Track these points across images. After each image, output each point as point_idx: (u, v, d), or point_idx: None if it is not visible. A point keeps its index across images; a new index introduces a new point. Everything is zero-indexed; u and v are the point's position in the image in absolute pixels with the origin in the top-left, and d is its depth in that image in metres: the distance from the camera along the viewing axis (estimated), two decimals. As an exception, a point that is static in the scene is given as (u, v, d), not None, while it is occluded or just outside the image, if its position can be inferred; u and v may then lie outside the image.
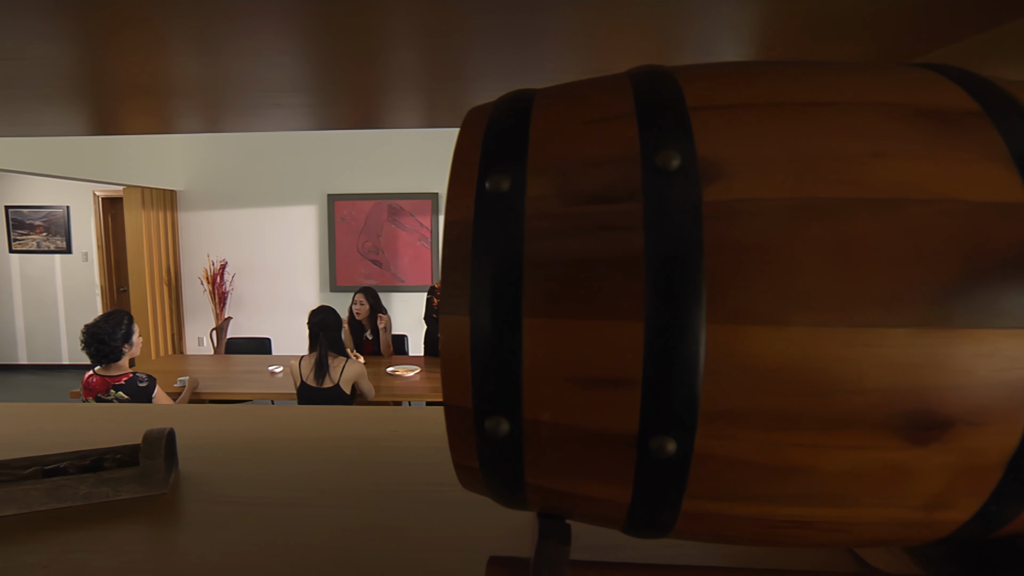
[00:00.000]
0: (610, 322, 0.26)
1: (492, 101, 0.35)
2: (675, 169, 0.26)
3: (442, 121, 1.14)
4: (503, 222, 0.27)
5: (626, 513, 0.30)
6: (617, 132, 0.28)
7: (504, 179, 0.28)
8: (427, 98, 0.87)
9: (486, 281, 0.27)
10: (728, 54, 0.60)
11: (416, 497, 0.61)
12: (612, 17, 0.49)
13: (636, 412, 0.26)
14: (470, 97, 0.84)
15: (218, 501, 0.61)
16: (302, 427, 0.81)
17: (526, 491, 0.31)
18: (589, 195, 0.27)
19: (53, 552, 0.52)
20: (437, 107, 0.94)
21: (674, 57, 0.63)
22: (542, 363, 0.27)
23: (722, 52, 0.60)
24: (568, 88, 0.33)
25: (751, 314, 0.25)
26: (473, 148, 0.30)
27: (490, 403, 0.28)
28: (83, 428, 0.83)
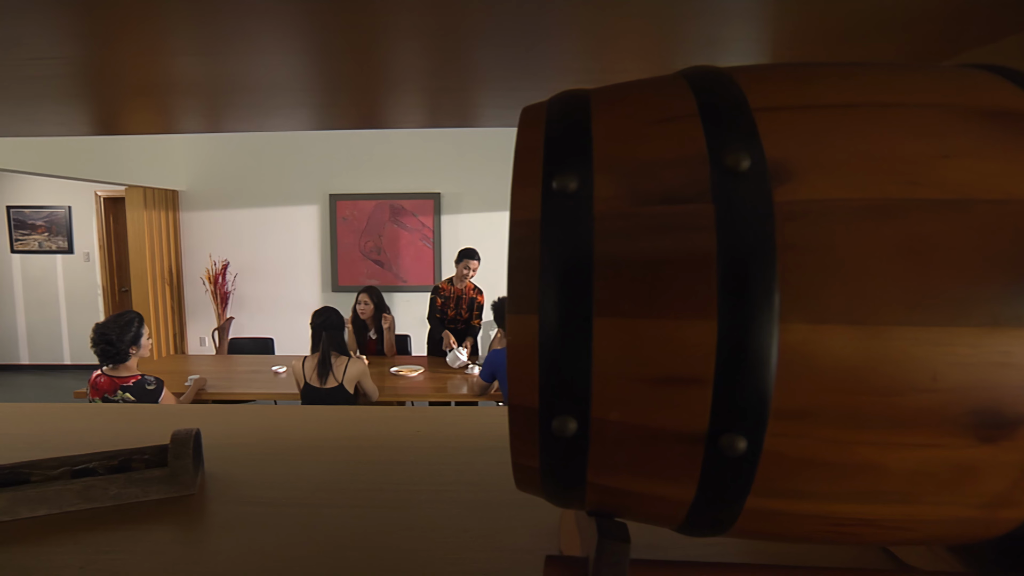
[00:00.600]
0: (683, 321, 0.26)
1: (545, 100, 0.35)
2: (745, 170, 0.27)
3: (444, 121, 1.14)
4: (572, 222, 0.27)
5: (686, 511, 0.30)
6: (682, 133, 0.28)
7: (571, 179, 0.28)
8: (430, 97, 0.86)
9: (556, 281, 0.27)
10: (734, 52, 0.60)
11: (445, 498, 0.61)
12: (614, 16, 0.49)
13: (706, 410, 0.27)
14: (473, 96, 0.84)
15: (247, 502, 0.61)
16: (323, 427, 0.81)
17: (585, 490, 0.31)
18: (658, 195, 0.27)
19: (88, 553, 0.52)
20: (440, 106, 0.94)
21: (675, 57, 0.63)
22: (612, 362, 0.27)
23: (726, 49, 0.60)
24: (624, 88, 0.33)
25: (823, 313, 0.25)
26: (535, 148, 0.30)
27: (557, 403, 0.28)
28: (101, 428, 0.83)
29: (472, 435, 0.78)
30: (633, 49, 0.60)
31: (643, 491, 0.30)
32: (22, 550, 0.53)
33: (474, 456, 0.71)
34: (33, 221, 5.25)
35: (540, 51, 0.59)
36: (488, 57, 0.62)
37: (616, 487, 0.30)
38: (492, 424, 0.82)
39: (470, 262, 3.60)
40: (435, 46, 0.58)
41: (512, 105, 0.90)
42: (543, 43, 0.57)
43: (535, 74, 0.68)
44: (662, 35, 0.56)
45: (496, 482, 0.64)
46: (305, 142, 5.00)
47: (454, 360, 3.48)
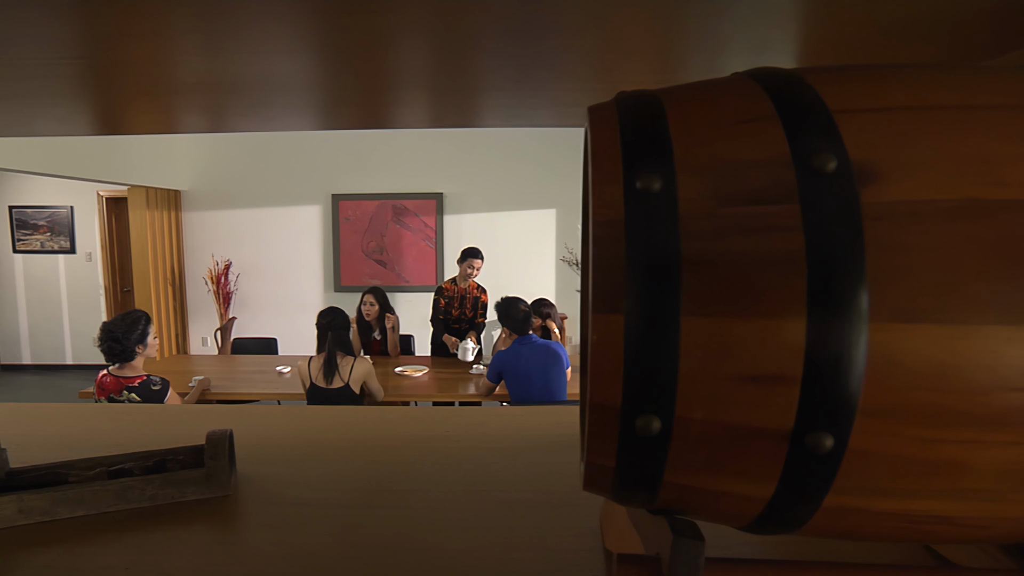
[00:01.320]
0: (771, 321, 0.26)
1: (611, 100, 0.35)
2: (831, 171, 0.27)
3: (448, 121, 1.14)
4: (657, 222, 0.28)
5: (762, 509, 0.30)
6: (763, 134, 0.29)
7: (655, 179, 0.28)
8: (433, 97, 0.86)
9: (642, 280, 0.27)
10: (737, 51, 0.60)
11: (485, 498, 0.61)
12: (617, 15, 0.49)
13: (793, 408, 0.27)
14: (477, 96, 0.84)
15: (284, 502, 0.61)
16: (350, 427, 0.81)
17: (659, 489, 0.31)
18: (743, 196, 0.28)
19: (131, 554, 0.52)
20: (443, 106, 0.94)
21: (678, 55, 0.63)
22: (699, 361, 0.27)
23: (730, 49, 0.60)
24: (695, 89, 0.33)
25: (912, 312, 0.26)
26: (612, 148, 0.30)
27: (642, 401, 0.28)
28: (126, 428, 0.82)
29: (501, 435, 0.78)
30: (637, 47, 0.60)
31: (720, 489, 0.30)
32: (65, 550, 0.53)
33: (507, 456, 0.71)
34: (35, 221, 5.23)
35: (545, 49, 0.59)
36: (494, 56, 0.62)
37: (693, 485, 0.30)
38: (520, 424, 0.82)
39: (474, 261, 3.59)
40: (440, 44, 0.58)
41: (516, 105, 0.90)
42: (548, 41, 0.56)
43: (541, 72, 0.68)
44: (666, 33, 0.55)
45: (532, 482, 0.64)
46: (308, 142, 4.99)
47: (464, 352, 3.49)
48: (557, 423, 0.82)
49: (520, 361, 2.74)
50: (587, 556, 0.51)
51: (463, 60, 0.63)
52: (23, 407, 0.92)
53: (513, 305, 2.87)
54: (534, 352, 2.75)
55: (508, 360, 2.77)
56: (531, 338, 2.82)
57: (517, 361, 2.74)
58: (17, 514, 0.57)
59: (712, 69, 0.66)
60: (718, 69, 0.66)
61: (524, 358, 2.74)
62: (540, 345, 2.80)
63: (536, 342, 2.80)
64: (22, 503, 0.57)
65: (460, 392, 3.15)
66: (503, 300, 2.95)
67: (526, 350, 2.76)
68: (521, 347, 2.78)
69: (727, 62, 0.64)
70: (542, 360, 2.73)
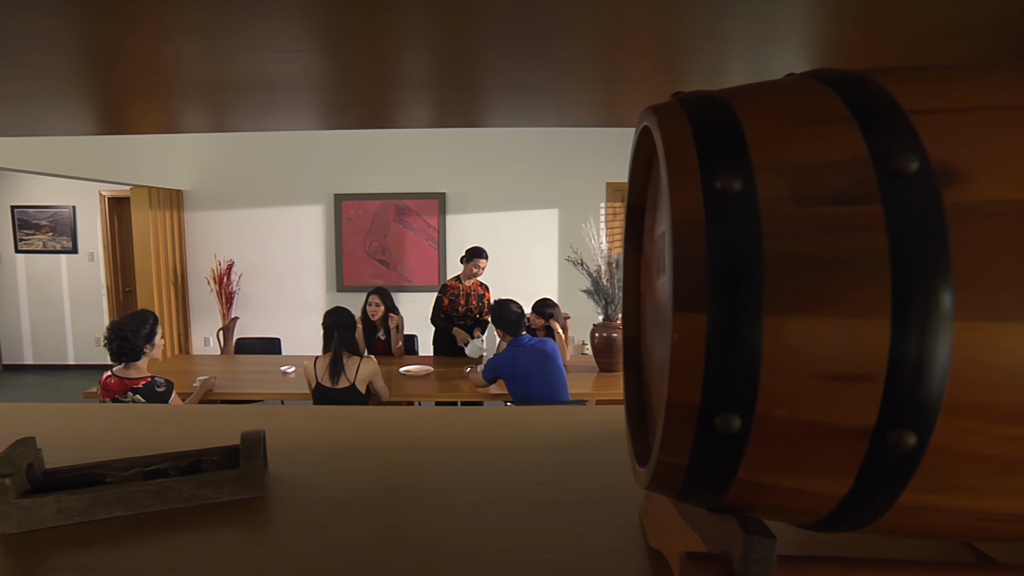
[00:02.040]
0: (856, 320, 0.26)
1: (672, 101, 0.35)
2: (913, 172, 0.27)
3: (453, 120, 1.14)
4: (738, 222, 0.28)
5: (834, 506, 0.31)
6: (839, 135, 0.29)
7: (735, 180, 0.28)
8: (439, 97, 0.86)
9: (725, 280, 0.27)
10: (740, 50, 0.60)
11: (520, 498, 0.61)
12: (621, 15, 0.49)
13: (876, 406, 0.27)
14: (481, 96, 0.84)
15: (319, 503, 0.61)
16: (377, 428, 0.81)
17: (729, 487, 0.31)
18: (824, 197, 0.28)
19: (173, 555, 0.52)
20: (448, 106, 0.93)
21: (683, 55, 0.63)
22: (781, 360, 0.27)
23: (733, 48, 0.60)
24: (760, 90, 0.33)
25: (997, 311, 0.26)
26: (685, 149, 0.30)
27: (722, 400, 0.28)
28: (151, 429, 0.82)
29: (528, 434, 0.79)
30: (641, 46, 0.59)
31: (794, 486, 0.30)
32: (107, 551, 0.53)
33: (538, 456, 0.71)
34: (37, 221, 5.20)
35: (550, 48, 0.59)
36: (499, 56, 0.62)
37: (766, 483, 0.31)
38: (545, 423, 0.82)
39: (479, 261, 3.60)
40: (445, 44, 0.58)
41: (521, 105, 0.90)
42: (552, 41, 0.56)
43: (545, 72, 0.67)
44: (671, 32, 0.55)
45: (565, 481, 0.65)
46: (310, 142, 4.98)
47: (475, 350, 3.49)
48: (583, 422, 0.82)
49: (517, 363, 2.75)
50: (629, 554, 0.51)
51: (470, 58, 0.63)
52: (48, 407, 0.92)
53: (505, 307, 2.88)
54: (528, 353, 2.76)
55: (505, 364, 2.78)
56: (523, 339, 2.83)
57: (514, 363, 2.75)
58: (56, 515, 0.56)
59: (716, 69, 0.66)
60: (723, 69, 0.67)
61: (520, 360, 2.75)
62: (533, 344, 2.81)
63: (529, 343, 2.81)
64: (61, 503, 0.57)
65: (465, 392, 3.15)
66: (496, 302, 2.97)
67: (521, 352, 2.77)
68: (515, 350, 2.79)
69: (732, 62, 0.64)
70: (539, 360, 2.74)
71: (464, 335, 3.61)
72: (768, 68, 0.65)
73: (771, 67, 0.65)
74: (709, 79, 0.70)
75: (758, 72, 0.67)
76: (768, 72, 0.69)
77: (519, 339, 2.83)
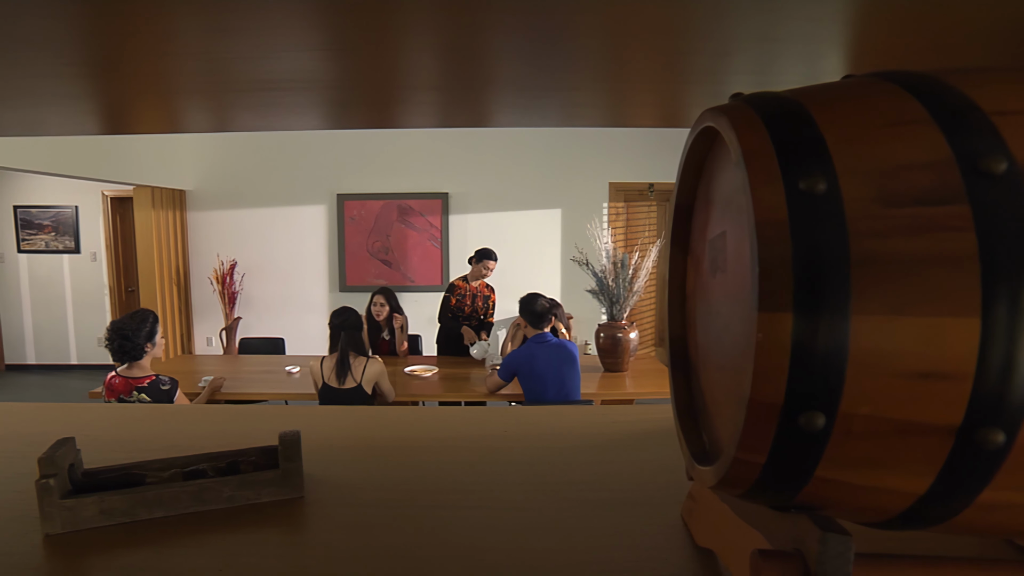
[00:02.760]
0: (945, 319, 0.27)
1: (739, 103, 0.35)
2: (1002, 173, 0.27)
3: (459, 120, 1.14)
4: (824, 223, 0.28)
5: (910, 504, 0.31)
6: (920, 136, 0.29)
7: (818, 181, 0.29)
8: (444, 97, 0.85)
9: (812, 280, 0.28)
10: (745, 49, 0.60)
11: (560, 497, 0.61)
12: (627, 16, 0.49)
13: (963, 404, 0.27)
14: (487, 96, 0.83)
15: (360, 504, 0.61)
16: (407, 428, 0.81)
17: (804, 485, 0.32)
18: (909, 197, 0.28)
19: (220, 555, 0.52)
20: (454, 105, 0.93)
21: (689, 55, 0.63)
22: (868, 358, 0.28)
23: (737, 48, 0.60)
24: (832, 91, 0.34)
25: (1086, 311, 0.26)
26: (764, 150, 0.31)
27: (807, 398, 0.28)
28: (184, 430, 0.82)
29: (558, 434, 0.79)
30: (645, 46, 0.59)
31: (872, 484, 0.31)
32: (153, 552, 0.53)
33: (571, 455, 0.71)
34: (40, 221, 5.18)
35: (558, 48, 0.58)
36: (506, 57, 0.62)
37: (844, 480, 0.31)
38: (575, 423, 0.82)
39: (488, 262, 3.60)
40: (452, 44, 0.57)
41: (526, 105, 0.90)
42: (560, 42, 0.56)
43: (550, 72, 0.67)
44: (676, 32, 0.55)
45: (602, 481, 0.65)
46: (312, 142, 4.98)
47: (481, 352, 3.48)
48: (613, 422, 0.82)
49: (535, 362, 2.74)
50: (676, 553, 0.52)
51: (478, 59, 0.63)
52: (69, 407, 0.91)
53: (535, 299, 2.88)
54: (548, 352, 2.75)
55: (523, 360, 2.77)
56: (546, 337, 2.81)
57: (532, 362, 2.74)
58: (99, 515, 0.56)
59: (718, 69, 0.67)
60: (724, 69, 0.67)
61: (539, 358, 2.74)
62: (554, 345, 2.79)
63: (551, 341, 2.80)
64: (103, 504, 0.56)
65: (469, 392, 3.15)
66: (527, 295, 2.97)
67: (541, 350, 2.76)
68: (536, 347, 2.78)
69: (734, 63, 0.64)
70: (557, 360, 2.73)
71: (471, 334, 3.61)
72: (769, 69, 0.66)
73: (772, 68, 0.66)
74: (714, 79, 0.70)
75: (759, 73, 0.67)
76: (771, 72, 0.69)
77: (542, 336, 2.81)
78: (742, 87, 0.75)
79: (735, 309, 0.36)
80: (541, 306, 2.86)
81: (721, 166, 0.42)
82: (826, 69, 0.63)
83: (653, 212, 5.41)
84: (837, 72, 0.64)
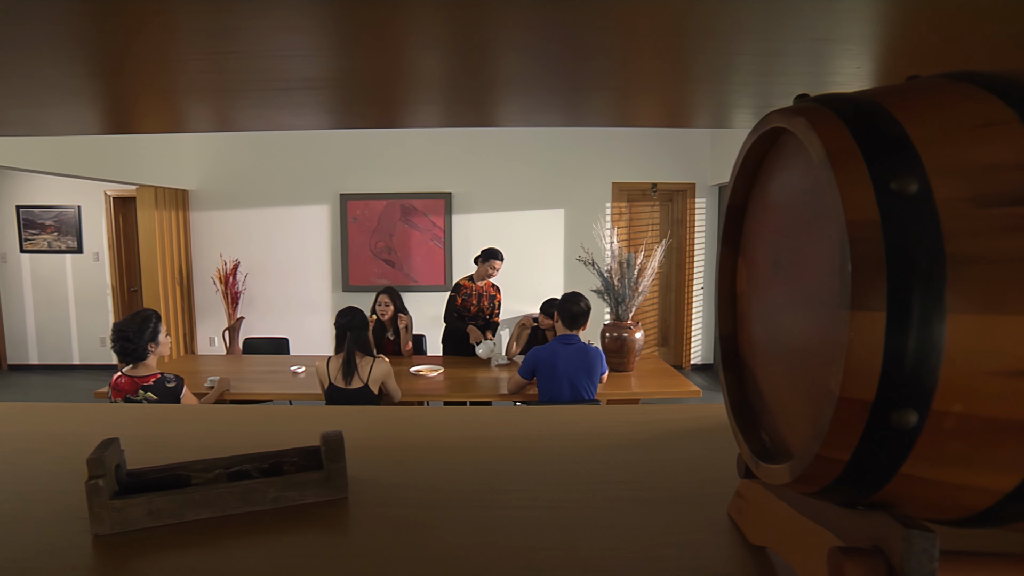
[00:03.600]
0: (1042, 318, 0.27)
1: (811, 104, 0.36)
2: (1095, 172, 0.27)
3: (464, 120, 1.14)
4: (918, 223, 0.28)
5: (993, 502, 0.31)
6: (1012, 137, 0.29)
7: (910, 181, 0.29)
8: (451, 96, 0.85)
9: (907, 279, 0.28)
10: (749, 51, 0.60)
11: (605, 496, 0.61)
12: (634, 16, 0.49)
13: (1058, 403, 0.27)
14: (494, 95, 0.84)
15: (402, 504, 0.61)
16: (442, 427, 0.81)
17: (887, 483, 0.32)
18: (1004, 198, 0.28)
19: (272, 557, 0.52)
20: (460, 105, 0.93)
21: (694, 57, 0.63)
22: (964, 356, 0.28)
23: (739, 48, 0.60)
24: (911, 92, 0.34)
25: None
26: (849, 151, 0.31)
27: (900, 396, 0.29)
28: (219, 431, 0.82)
29: (595, 433, 0.79)
30: (650, 45, 0.59)
31: (956, 481, 0.31)
32: (205, 553, 0.53)
33: (609, 455, 0.72)
34: (42, 221, 5.16)
35: (566, 47, 0.58)
36: (513, 57, 0.61)
37: (928, 478, 0.31)
38: (608, 423, 0.83)
39: (495, 262, 3.60)
40: (459, 44, 0.57)
41: (531, 106, 0.90)
42: (571, 43, 0.56)
43: (556, 72, 0.67)
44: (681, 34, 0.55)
45: (644, 480, 0.65)
46: (316, 142, 4.97)
47: (487, 351, 3.48)
48: (646, 422, 0.83)
49: (557, 361, 2.71)
50: (728, 551, 0.52)
51: (485, 58, 0.63)
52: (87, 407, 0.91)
53: (576, 299, 2.84)
54: (571, 354, 2.72)
55: (544, 358, 2.74)
56: (572, 339, 2.78)
57: (553, 360, 2.72)
58: (146, 516, 0.56)
59: (719, 69, 0.67)
60: (724, 69, 0.67)
61: (560, 359, 2.71)
62: (579, 348, 2.76)
63: (576, 344, 2.77)
64: (151, 505, 0.56)
65: (475, 392, 3.15)
66: (569, 293, 2.94)
67: (563, 351, 2.73)
68: (560, 347, 2.75)
69: (735, 63, 0.65)
70: (576, 364, 2.70)
71: (478, 333, 3.61)
72: (769, 70, 0.66)
73: (772, 71, 0.66)
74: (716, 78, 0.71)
75: (760, 71, 0.68)
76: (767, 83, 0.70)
77: (567, 338, 2.78)
78: (747, 85, 0.76)
79: (806, 308, 0.37)
80: (580, 308, 2.81)
81: (784, 167, 0.42)
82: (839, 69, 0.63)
83: (656, 212, 5.42)
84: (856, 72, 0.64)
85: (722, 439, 0.76)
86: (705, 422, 0.82)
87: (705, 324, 5.54)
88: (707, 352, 5.60)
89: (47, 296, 5.26)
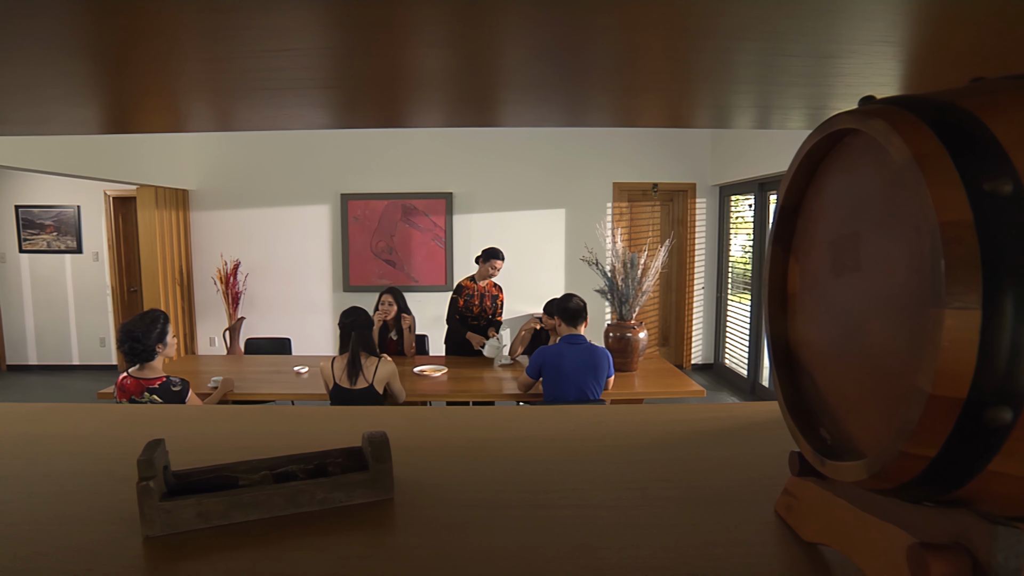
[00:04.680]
0: None
1: (882, 106, 0.36)
2: None
3: (466, 120, 1.14)
4: (1014, 223, 0.29)
5: (1075, 498, 0.32)
6: (1098, 138, 0.30)
7: (1004, 183, 0.29)
8: (453, 95, 0.85)
9: (1003, 278, 0.28)
10: (750, 51, 0.61)
11: (653, 495, 0.62)
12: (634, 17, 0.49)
13: None
14: (497, 95, 0.84)
15: (448, 505, 0.61)
16: (476, 427, 0.81)
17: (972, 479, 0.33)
18: (1096, 198, 0.29)
19: (327, 559, 0.52)
20: (463, 104, 0.93)
21: (697, 57, 0.63)
22: (1059, 356, 0.28)
23: (740, 49, 0.60)
24: (990, 92, 0.35)
25: None
26: (935, 153, 0.31)
27: (994, 394, 0.29)
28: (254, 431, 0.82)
29: (630, 432, 0.79)
30: (655, 45, 0.60)
31: (1042, 478, 0.31)
32: (259, 555, 0.53)
33: (648, 454, 0.72)
34: (42, 221, 5.12)
35: (569, 46, 0.58)
36: (516, 56, 0.61)
37: (1012, 474, 0.32)
38: (640, 422, 0.83)
39: (496, 262, 3.61)
40: (462, 44, 0.57)
41: (535, 105, 0.90)
42: (575, 45, 0.56)
43: (559, 73, 0.67)
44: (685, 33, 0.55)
45: (688, 479, 0.66)
46: (316, 141, 4.96)
47: (492, 350, 3.49)
48: (677, 421, 0.83)
49: (563, 361, 2.73)
50: (778, 548, 0.52)
51: (488, 57, 0.63)
52: (109, 408, 0.91)
53: (569, 298, 2.91)
54: (578, 355, 2.74)
55: (551, 357, 2.76)
56: (579, 339, 2.80)
57: (559, 360, 2.73)
58: (196, 517, 0.56)
59: (720, 70, 0.67)
60: (725, 70, 0.68)
61: (567, 359, 2.73)
62: (586, 348, 2.78)
63: (583, 344, 2.79)
64: (201, 506, 0.56)
65: (479, 392, 3.16)
66: (563, 295, 3.01)
67: (570, 351, 2.75)
68: (567, 347, 2.77)
69: (736, 58, 0.65)
70: (583, 365, 2.72)
71: (479, 339, 3.62)
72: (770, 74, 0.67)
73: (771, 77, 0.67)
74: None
75: (760, 72, 0.68)
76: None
77: (574, 337, 2.81)
78: (751, 84, 0.76)
79: (880, 308, 0.37)
80: (575, 304, 2.87)
81: (846, 168, 0.42)
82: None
83: (657, 212, 5.44)
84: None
85: (757, 437, 0.77)
86: (737, 421, 0.83)
87: (705, 324, 5.56)
88: (707, 352, 5.63)
89: (46, 296, 5.22)
